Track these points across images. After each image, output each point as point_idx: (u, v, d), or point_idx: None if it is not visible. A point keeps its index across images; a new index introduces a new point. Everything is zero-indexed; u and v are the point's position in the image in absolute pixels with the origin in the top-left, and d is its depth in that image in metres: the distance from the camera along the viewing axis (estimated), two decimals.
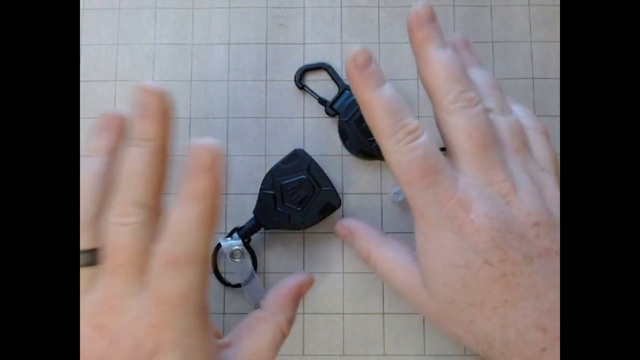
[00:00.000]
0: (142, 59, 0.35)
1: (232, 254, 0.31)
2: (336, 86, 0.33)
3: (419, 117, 0.34)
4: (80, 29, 0.35)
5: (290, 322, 0.27)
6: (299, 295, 0.28)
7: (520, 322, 0.23)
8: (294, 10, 0.35)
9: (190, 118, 0.34)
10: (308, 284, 0.28)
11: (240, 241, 0.31)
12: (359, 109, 0.28)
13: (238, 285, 0.31)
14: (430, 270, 0.25)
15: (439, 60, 0.25)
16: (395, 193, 0.32)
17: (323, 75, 0.34)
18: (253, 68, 0.34)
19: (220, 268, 0.32)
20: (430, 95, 0.25)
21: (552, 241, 0.23)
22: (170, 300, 0.23)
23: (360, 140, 0.32)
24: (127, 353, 0.23)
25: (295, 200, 0.30)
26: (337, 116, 0.33)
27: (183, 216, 0.23)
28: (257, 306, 0.30)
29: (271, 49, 0.35)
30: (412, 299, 0.26)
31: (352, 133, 0.32)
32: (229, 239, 0.31)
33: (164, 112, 0.24)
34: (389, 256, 0.27)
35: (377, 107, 0.24)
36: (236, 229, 0.32)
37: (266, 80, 0.34)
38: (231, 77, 0.34)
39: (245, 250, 0.31)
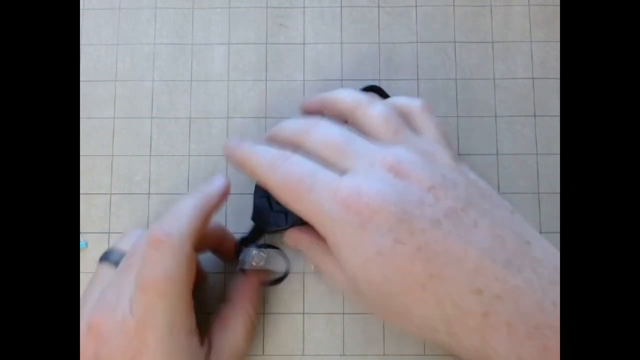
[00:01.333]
0: (142, 59, 0.35)
1: (256, 263, 0.30)
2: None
3: None
4: (80, 29, 0.35)
5: (257, 311, 0.29)
6: (258, 286, 0.29)
7: (454, 292, 0.21)
8: (294, 10, 0.35)
9: (190, 118, 0.34)
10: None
11: (253, 249, 0.30)
12: None
13: (276, 282, 0.31)
14: (352, 275, 0.24)
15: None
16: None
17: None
18: (253, 68, 0.34)
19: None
20: None
21: (454, 200, 0.22)
22: (152, 286, 0.23)
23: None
24: (118, 352, 0.22)
25: None
26: None
27: (180, 203, 0.25)
28: None
29: (271, 49, 0.35)
30: (357, 304, 0.26)
31: None
32: (241, 254, 0.31)
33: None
34: (330, 265, 0.26)
35: (250, 155, 0.26)
36: (241, 243, 0.31)
37: (266, 80, 0.34)
38: (231, 77, 0.34)
39: (264, 253, 0.30)
